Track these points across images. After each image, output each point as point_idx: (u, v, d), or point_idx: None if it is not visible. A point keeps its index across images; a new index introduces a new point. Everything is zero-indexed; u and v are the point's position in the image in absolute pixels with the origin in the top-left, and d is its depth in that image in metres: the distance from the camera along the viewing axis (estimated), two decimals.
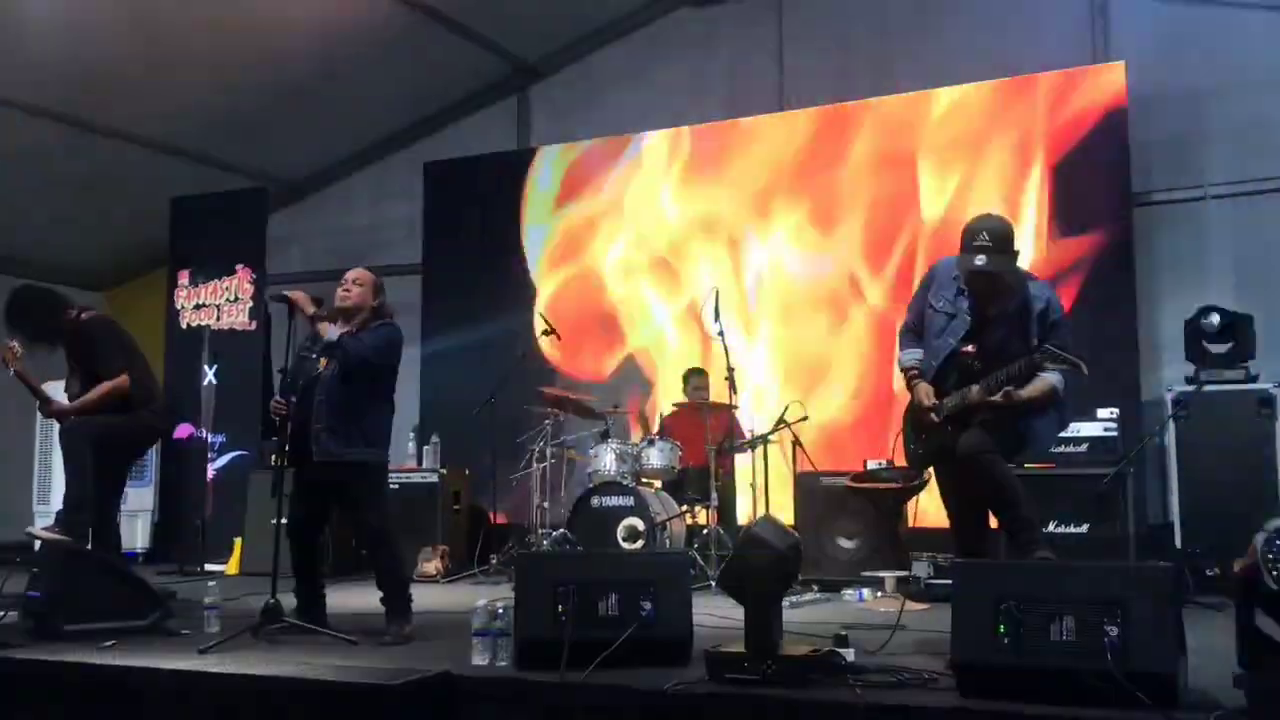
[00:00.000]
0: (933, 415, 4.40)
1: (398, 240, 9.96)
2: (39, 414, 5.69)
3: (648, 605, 3.96)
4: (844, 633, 3.98)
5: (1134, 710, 3.06)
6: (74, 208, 9.67)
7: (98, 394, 5.56)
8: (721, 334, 6.68)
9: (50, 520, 6.08)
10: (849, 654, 3.78)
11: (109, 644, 4.57)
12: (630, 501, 6.79)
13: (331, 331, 4.90)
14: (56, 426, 6.07)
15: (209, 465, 8.82)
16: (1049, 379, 4.23)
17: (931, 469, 4.67)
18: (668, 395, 8.19)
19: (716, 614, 4.95)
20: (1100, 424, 6.44)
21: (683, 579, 4.13)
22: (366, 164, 10.52)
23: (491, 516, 8.17)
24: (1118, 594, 3.25)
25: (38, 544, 5.79)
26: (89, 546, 5.26)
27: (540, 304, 9.01)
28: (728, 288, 8.16)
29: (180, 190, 9.58)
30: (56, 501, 8.59)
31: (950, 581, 3.97)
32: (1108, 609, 3.21)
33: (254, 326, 9.14)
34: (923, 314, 4.55)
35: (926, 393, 4.43)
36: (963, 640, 3.43)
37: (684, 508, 7.04)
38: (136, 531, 8.90)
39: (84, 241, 10.28)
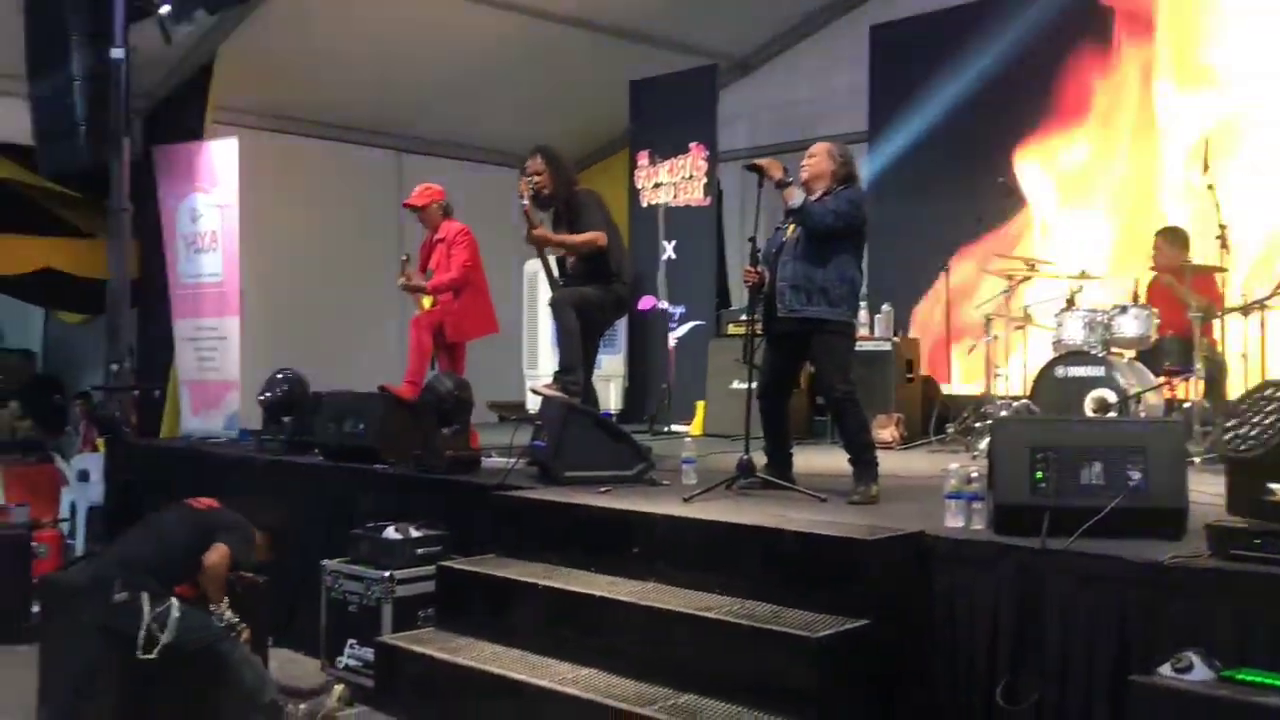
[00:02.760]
0: None
1: (843, 110, 9.82)
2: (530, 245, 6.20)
3: (1136, 474, 3.74)
4: None
5: None
6: (536, 96, 10.38)
7: (579, 238, 6.08)
8: (1211, 187, 6.03)
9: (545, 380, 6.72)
10: None
11: (604, 490, 5.05)
12: (1100, 372, 6.39)
13: (795, 198, 4.99)
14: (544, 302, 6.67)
15: (670, 334, 9.37)
16: None
17: None
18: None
19: (1207, 491, 4.59)
20: None
21: (1177, 447, 3.86)
22: (811, 33, 10.46)
23: (945, 386, 8.04)
24: None
25: (535, 400, 6.43)
26: (581, 404, 5.78)
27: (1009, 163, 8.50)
28: (1222, 133, 7.31)
29: (635, 73, 10.03)
30: (543, 367, 9.58)
31: None
32: None
33: (708, 202, 9.50)
34: None
35: None
36: None
37: (1161, 380, 6.53)
38: (610, 395, 9.67)
39: (548, 128, 10.96)
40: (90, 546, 8.22)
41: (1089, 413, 6.28)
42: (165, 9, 7.25)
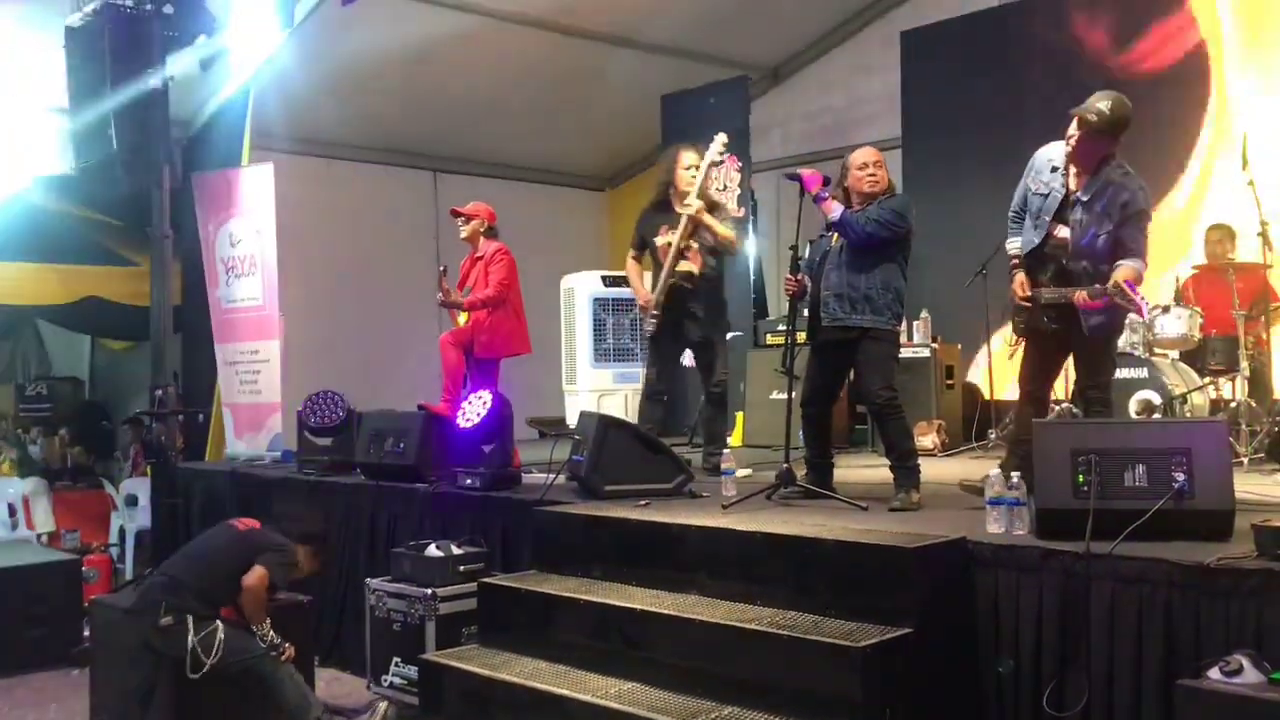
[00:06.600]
0: (1025, 303, 4.79)
1: (876, 115, 9.82)
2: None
3: (1180, 476, 3.68)
4: None
5: None
6: (569, 113, 10.43)
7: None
8: (1252, 183, 5.95)
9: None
10: None
11: (643, 503, 5.05)
12: (1143, 373, 6.32)
13: (834, 211, 4.97)
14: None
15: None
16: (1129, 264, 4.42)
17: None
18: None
19: (1254, 491, 4.52)
20: None
21: (1221, 447, 3.79)
22: (842, 41, 10.46)
23: (986, 392, 7.97)
24: None
25: (574, 415, 6.44)
26: (621, 418, 5.79)
27: None
28: (1263, 127, 7.19)
29: (666, 87, 10.04)
30: (581, 382, 9.60)
31: None
32: None
33: (742, 214, 9.46)
34: (1025, 200, 4.93)
35: (1022, 284, 4.83)
36: None
37: (1206, 380, 6.44)
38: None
39: (582, 146, 11.09)
40: (139, 570, 8.33)
41: (1133, 415, 6.20)
42: (201, 38, 7.36)
